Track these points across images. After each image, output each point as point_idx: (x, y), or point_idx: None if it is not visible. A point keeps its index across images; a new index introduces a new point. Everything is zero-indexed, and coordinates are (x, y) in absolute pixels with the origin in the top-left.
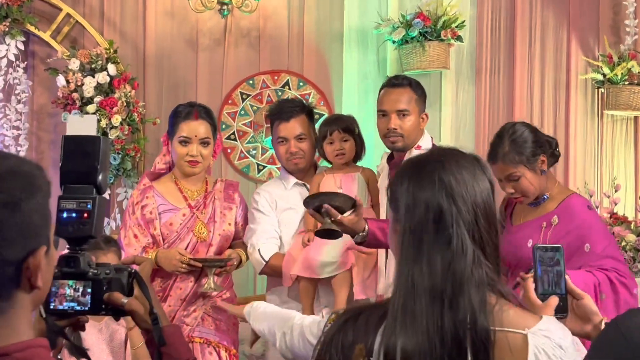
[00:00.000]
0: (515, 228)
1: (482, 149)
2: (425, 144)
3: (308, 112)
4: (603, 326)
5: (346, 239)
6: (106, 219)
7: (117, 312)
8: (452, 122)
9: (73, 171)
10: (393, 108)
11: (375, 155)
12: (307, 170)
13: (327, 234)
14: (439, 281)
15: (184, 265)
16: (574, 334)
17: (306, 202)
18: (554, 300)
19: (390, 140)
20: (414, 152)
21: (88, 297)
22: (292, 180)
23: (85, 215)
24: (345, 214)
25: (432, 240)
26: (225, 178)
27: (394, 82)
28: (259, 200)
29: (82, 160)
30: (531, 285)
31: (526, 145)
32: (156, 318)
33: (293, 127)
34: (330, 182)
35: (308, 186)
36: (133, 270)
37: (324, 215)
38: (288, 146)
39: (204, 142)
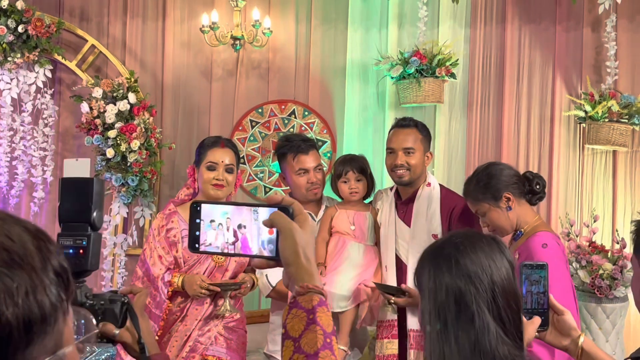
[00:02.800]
0: None
1: None
2: (433, 181)
3: (317, 147)
4: (581, 341)
5: (354, 274)
6: (123, 235)
7: (110, 341)
8: (445, 151)
9: (69, 210)
10: (400, 146)
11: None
12: (317, 200)
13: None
14: (469, 357)
15: (203, 291)
16: (553, 346)
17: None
18: (537, 320)
19: (397, 174)
20: (425, 190)
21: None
22: None
23: (81, 251)
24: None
25: (455, 319)
26: (234, 200)
27: (402, 124)
28: None
29: (77, 200)
30: None
31: (491, 184)
32: (143, 348)
33: (312, 159)
34: (344, 218)
35: (313, 215)
36: (126, 301)
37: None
38: (309, 177)
39: (229, 169)
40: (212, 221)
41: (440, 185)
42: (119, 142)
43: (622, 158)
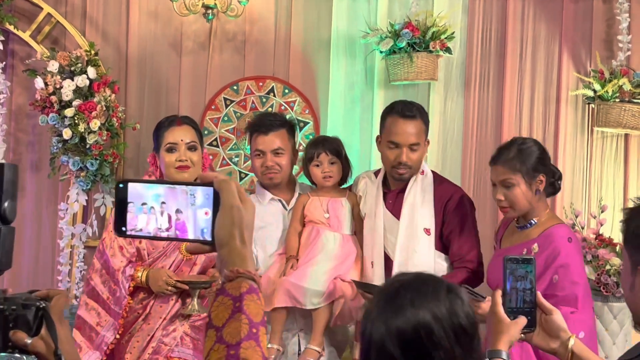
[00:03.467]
0: (502, 251)
1: (469, 161)
2: (426, 169)
3: (289, 127)
4: (572, 344)
5: (329, 267)
6: (82, 225)
7: (22, 351)
8: (440, 133)
9: None
10: (406, 142)
11: (361, 167)
12: (283, 186)
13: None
14: None
15: (170, 288)
16: (540, 349)
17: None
18: (522, 320)
19: (399, 172)
20: (419, 178)
21: None
22: (268, 195)
23: None
24: None
25: None
26: None
27: (407, 114)
28: None
29: None
30: (499, 298)
31: (531, 158)
32: (60, 359)
33: (271, 140)
34: (317, 205)
35: (284, 202)
36: (42, 306)
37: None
38: (264, 160)
39: (191, 147)
40: (143, 204)
41: (433, 172)
42: (76, 121)
43: (635, 142)
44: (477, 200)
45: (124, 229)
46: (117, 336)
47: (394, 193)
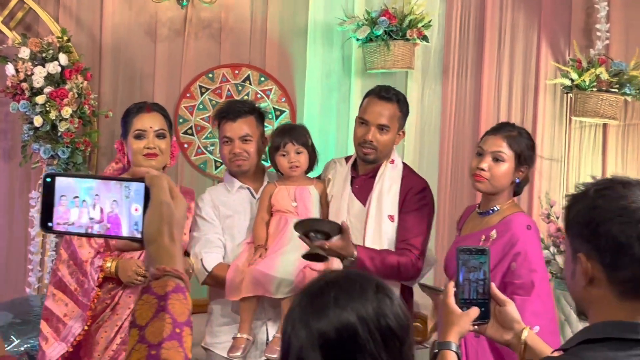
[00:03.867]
0: (460, 238)
1: (447, 149)
2: (397, 159)
3: (258, 114)
4: (525, 335)
5: (298, 256)
6: None
7: None
8: (417, 122)
9: None
10: (375, 121)
11: (337, 155)
12: (252, 174)
13: (314, 257)
14: None
15: (139, 278)
16: (494, 341)
17: (295, 227)
18: (474, 312)
19: (364, 151)
20: (389, 167)
21: None
22: (237, 183)
23: None
24: (333, 239)
25: None
26: (182, 175)
27: (383, 95)
28: (202, 207)
29: None
30: (451, 290)
31: (528, 147)
32: None
33: (239, 127)
34: (284, 194)
35: (252, 190)
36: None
37: (312, 239)
38: (232, 147)
39: (159, 135)
40: (75, 197)
41: (404, 163)
42: (48, 108)
43: (613, 132)
44: (455, 189)
45: (50, 224)
46: (86, 327)
47: (361, 178)
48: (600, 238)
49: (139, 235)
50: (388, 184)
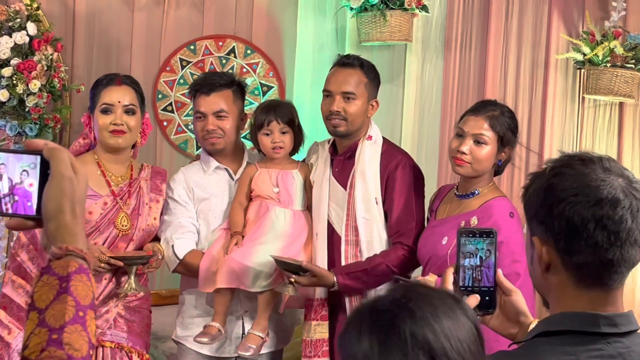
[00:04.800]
0: (436, 222)
1: (448, 129)
2: (375, 134)
3: (237, 88)
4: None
5: (278, 246)
6: None
7: None
8: (417, 99)
9: None
10: (339, 89)
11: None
12: (230, 153)
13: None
14: None
15: (103, 265)
16: (497, 333)
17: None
18: (472, 300)
19: (332, 123)
20: (366, 144)
21: None
22: (213, 163)
23: None
24: (302, 278)
25: None
26: (160, 155)
27: (344, 62)
28: (174, 188)
29: None
30: (450, 276)
31: (511, 128)
32: None
33: (213, 101)
34: (266, 179)
35: (230, 171)
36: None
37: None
38: (205, 123)
39: (128, 110)
40: None
41: (384, 138)
42: (15, 82)
43: (630, 112)
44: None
45: None
46: None
47: (340, 159)
48: (554, 220)
49: (32, 213)
50: (367, 162)
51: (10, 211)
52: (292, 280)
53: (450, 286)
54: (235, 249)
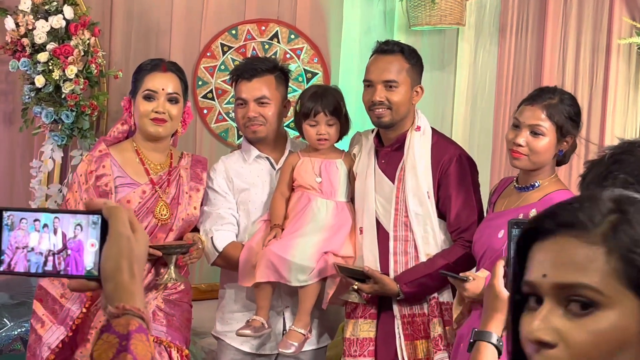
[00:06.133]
0: (493, 215)
1: (502, 118)
2: (423, 124)
3: (280, 74)
4: None
5: (319, 239)
6: (58, 185)
7: None
8: (469, 87)
9: None
10: (380, 78)
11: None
12: (272, 142)
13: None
14: None
15: None
16: None
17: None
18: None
19: (376, 113)
20: (415, 135)
21: None
22: (254, 152)
23: None
24: (366, 285)
25: None
26: (200, 144)
27: (383, 48)
28: (214, 178)
29: None
30: (500, 270)
31: (571, 116)
32: None
33: (255, 87)
34: (308, 168)
35: (272, 160)
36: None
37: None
38: (246, 110)
39: (172, 99)
40: (35, 220)
41: (433, 129)
42: (51, 67)
43: None
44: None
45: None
46: (84, 310)
47: (387, 151)
48: None
49: (96, 273)
50: (418, 155)
51: (62, 266)
52: (356, 287)
53: (500, 280)
54: (273, 242)
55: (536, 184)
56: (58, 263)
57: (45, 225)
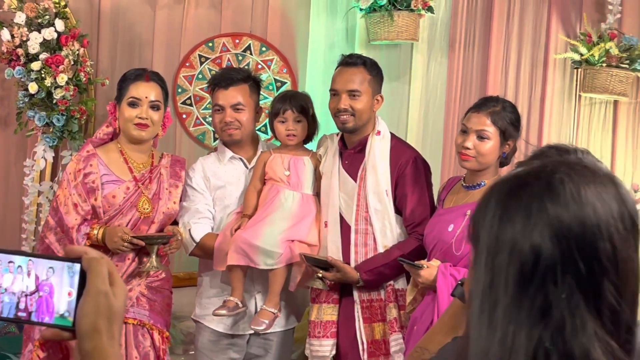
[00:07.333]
0: (443, 211)
1: (452, 125)
2: (383, 129)
3: (253, 83)
4: None
5: (285, 226)
6: (49, 183)
7: None
8: (422, 96)
9: None
10: (344, 88)
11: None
12: (246, 144)
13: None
14: None
15: (125, 244)
16: None
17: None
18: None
19: (341, 119)
20: (375, 138)
21: None
22: (229, 153)
23: None
24: (329, 273)
25: (512, 304)
26: (179, 146)
27: (347, 61)
28: (193, 177)
29: None
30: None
31: (513, 120)
32: None
33: (231, 95)
34: (278, 162)
35: (245, 161)
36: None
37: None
38: (223, 115)
39: (154, 106)
40: (10, 262)
41: (391, 133)
42: (43, 75)
43: (624, 109)
44: (459, 167)
45: None
46: None
47: (350, 153)
48: None
49: (70, 321)
50: (377, 157)
51: (34, 307)
52: (320, 275)
53: None
54: (244, 229)
55: (482, 183)
56: (30, 304)
57: (19, 267)
